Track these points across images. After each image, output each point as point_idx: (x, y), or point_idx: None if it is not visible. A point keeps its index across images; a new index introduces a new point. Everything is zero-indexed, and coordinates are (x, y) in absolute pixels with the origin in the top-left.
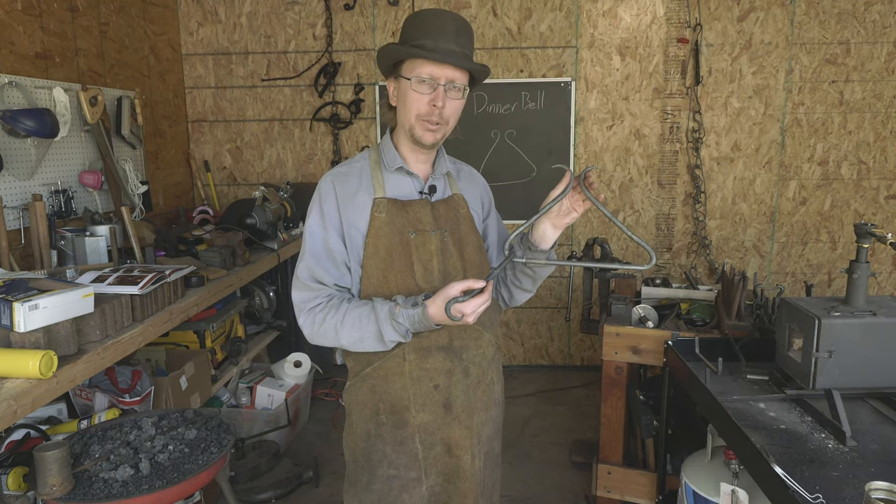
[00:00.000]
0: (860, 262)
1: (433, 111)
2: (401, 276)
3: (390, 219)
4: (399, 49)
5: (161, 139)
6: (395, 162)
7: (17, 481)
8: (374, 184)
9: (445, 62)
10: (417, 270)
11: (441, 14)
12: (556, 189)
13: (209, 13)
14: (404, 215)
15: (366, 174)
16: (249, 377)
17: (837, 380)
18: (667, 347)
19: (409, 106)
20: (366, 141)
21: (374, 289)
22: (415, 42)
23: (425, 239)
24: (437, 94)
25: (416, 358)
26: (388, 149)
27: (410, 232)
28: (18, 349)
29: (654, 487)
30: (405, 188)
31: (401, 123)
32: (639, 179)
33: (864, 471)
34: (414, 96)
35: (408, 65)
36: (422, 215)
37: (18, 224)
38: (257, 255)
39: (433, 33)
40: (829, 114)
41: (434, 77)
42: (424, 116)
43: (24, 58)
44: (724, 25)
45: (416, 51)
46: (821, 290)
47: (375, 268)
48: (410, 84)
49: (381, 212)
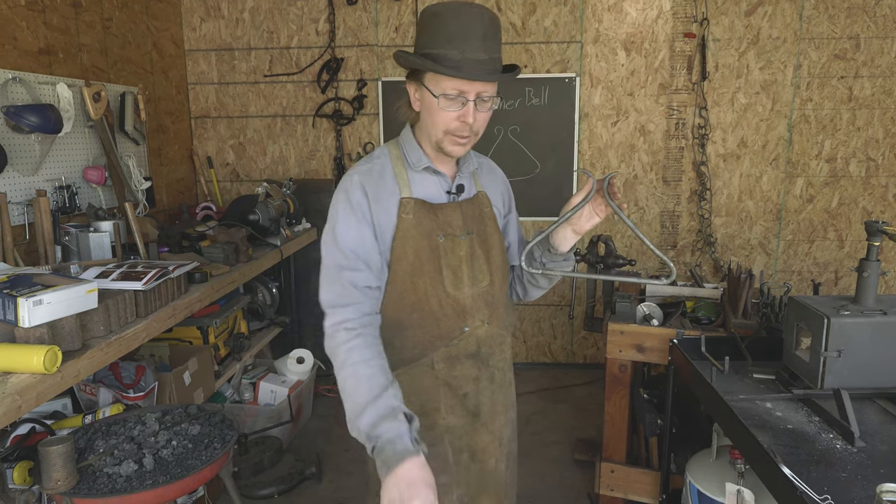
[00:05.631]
0: (870, 261)
1: (463, 127)
2: (430, 282)
3: (418, 221)
4: (422, 63)
5: (164, 135)
6: (420, 161)
7: (22, 475)
8: (399, 182)
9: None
10: (446, 276)
11: (464, 13)
12: (578, 195)
13: (212, 9)
14: (433, 218)
15: (388, 172)
16: (252, 373)
17: (846, 379)
18: (672, 346)
19: (436, 121)
20: (369, 137)
21: (399, 294)
22: (437, 50)
23: (455, 244)
24: (466, 110)
25: (444, 367)
26: (412, 147)
27: (439, 235)
28: (23, 344)
29: (658, 486)
30: (432, 188)
31: (426, 131)
32: (643, 176)
33: (873, 472)
34: (441, 113)
35: (432, 77)
36: (452, 219)
37: (23, 220)
38: (260, 251)
39: (458, 40)
40: (837, 110)
41: (463, 92)
42: (454, 132)
43: (27, 53)
44: (732, 20)
45: (441, 68)
46: (827, 289)
47: (403, 272)
48: (438, 102)
49: (407, 213)
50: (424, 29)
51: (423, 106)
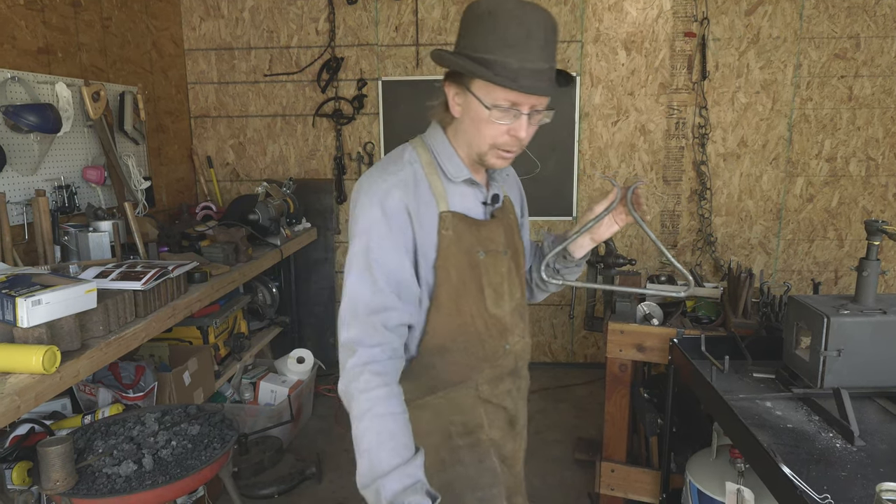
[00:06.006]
0: (870, 260)
1: (513, 142)
2: (473, 303)
3: (458, 237)
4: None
5: (164, 135)
6: (460, 172)
7: (21, 476)
8: (435, 194)
9: (536, 94)
10: (488, 296)
11: (526, 16)
12: (601, 203)
13: (211, 8)
14: (473, 233)
15: (423, 181)
16: (252, 373)
17: (846, 378)
18: (672, 345)
19: (483, 132)
20: (369, 137)
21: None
22: (492, 55)
23: (496, 260)
24: (519, 124)
25: (488, 388)
26: (449, 155)
27: (479, 252)
28: (22, 344)
29: (658, 485)
30: (469, 200)
31: (466, 140)
32: (644, 176)
33: (872, 471)
34: (491, 125)
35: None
36: (494, 234)
37: (22, 219)
38: (260, 251)
39: (518, 46)
40: (837, 109)
41: (516, 104)
42: (502, 146)
43: (26, 53)
44: (732, 19)
45: (498, 78)
46: (827, 288)
47: (447, 295)
48: (489, 114)
49: (447, 229)
50: (475, 28)
51: (466, 113)
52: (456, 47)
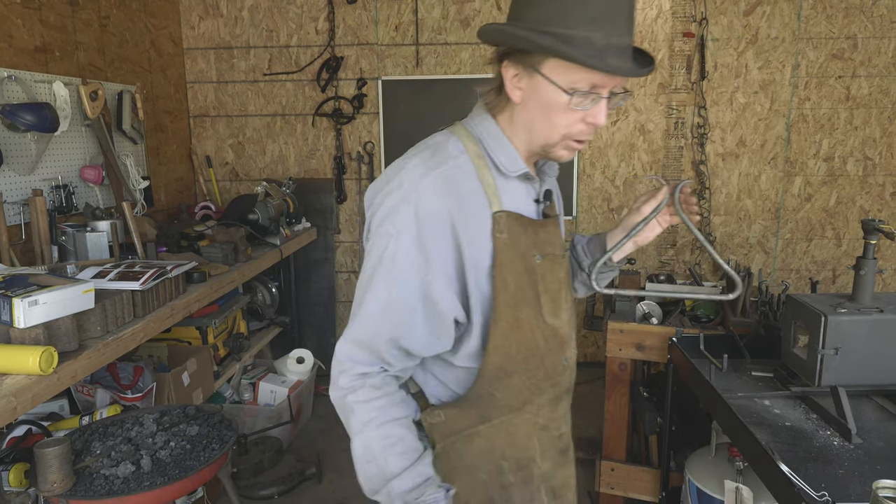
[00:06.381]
0: (867, 259)
1: (589, 130)
2: (532, 314)
3: (513, 240)
4: (553, 46)
5: (162, 134)
6: (516, 166)
7: (18, 478)
8: (487, 192)
9: (628, 76)
10: (545, 304)
11: None
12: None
13: (210, 7)
14: (530, 235)
15: (472, 178)
16: (252, 373)
17: (843, 377)
18: (671, 344)
19: (556, 121)
20: (369, 136)
21: (504, 335)
22: (571, 30)
23: (554, 265)
24: (598, 108)
25: (547, 411)
26: (503, 147)
27: (535, 255)
28: (18, 345)
29: (658, 484)
30: (521, 197)
31: (528, 129)
32: (643, 175)
33: (870, 468)
34: (567, 112)
35: (557, 65)
36: (552, 236)
37: (19, 219)
38: (259, 250)
39: (603, 18)
40: (835, 109)
41: (596, 87)
42: (576, 136)
43: (23, 51)
44: (731, 20)
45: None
46: (825, 287)
47: (505, 307)
48: (570, 100)
49: (502, 231)
50: None
51: (533, 98)
52: (514, 21)
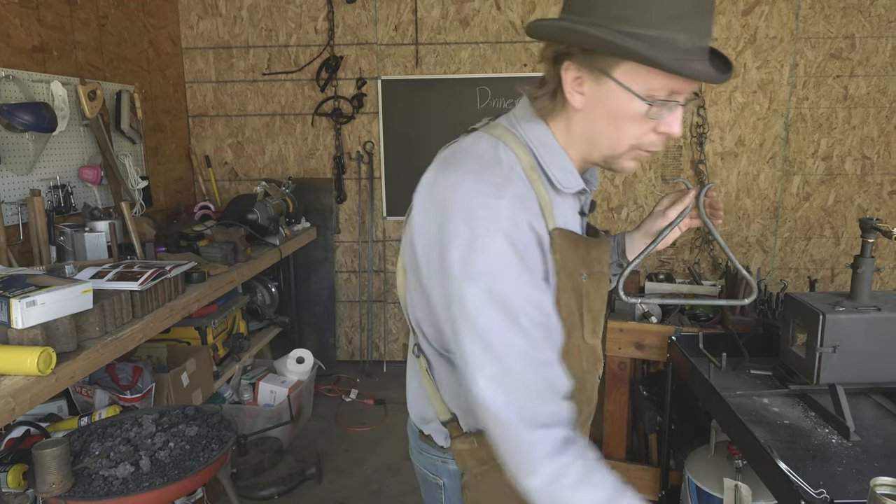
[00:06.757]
0: (865, 257)
1: (661, 141)
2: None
3: (564, 259)
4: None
5: (161, 134)
6: (573, 182)
7: (16, 479)
8: (542, 207)
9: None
10: (586, 323)
11: None
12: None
13: (209, 6)
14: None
15: (532, 193)
16: (252, 373)
17: (841, 375)
18: (670, 343)
19: (626, 131)
20: (368, 136)
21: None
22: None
23: (599, 284)
24: (674, 117)
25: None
26: (559, 160)
27: (582, 275)
28: (16, 346)
29: (657, 483)
30: (568, 212)
31: (591, 139)
32: (642, 175)
33: (868, 466)
34: (640, 122)
35: (633, 69)
36: (602, 254)
37: (17, 219)
38: (259, 250)
39: (687, 20)
40: (833, 109)
41: (674, 93)
42: (646, 147)
43: (20, 51)
44: (729, 19)
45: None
46: (824, 286)
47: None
48: (648, 109)
49: (556, 252)
50: None
51: (599, 106)
52: (579, 16)
